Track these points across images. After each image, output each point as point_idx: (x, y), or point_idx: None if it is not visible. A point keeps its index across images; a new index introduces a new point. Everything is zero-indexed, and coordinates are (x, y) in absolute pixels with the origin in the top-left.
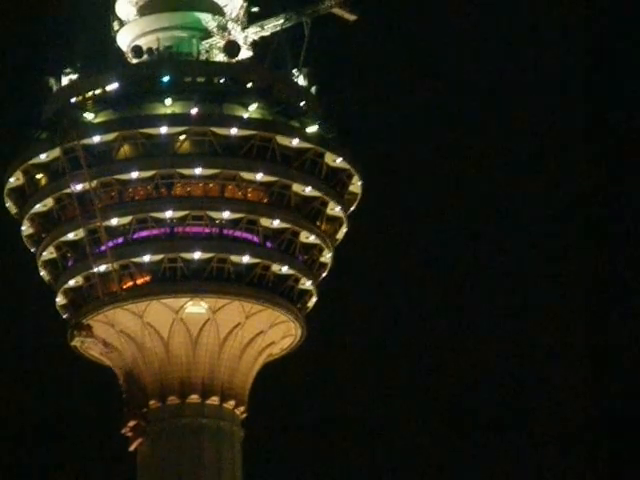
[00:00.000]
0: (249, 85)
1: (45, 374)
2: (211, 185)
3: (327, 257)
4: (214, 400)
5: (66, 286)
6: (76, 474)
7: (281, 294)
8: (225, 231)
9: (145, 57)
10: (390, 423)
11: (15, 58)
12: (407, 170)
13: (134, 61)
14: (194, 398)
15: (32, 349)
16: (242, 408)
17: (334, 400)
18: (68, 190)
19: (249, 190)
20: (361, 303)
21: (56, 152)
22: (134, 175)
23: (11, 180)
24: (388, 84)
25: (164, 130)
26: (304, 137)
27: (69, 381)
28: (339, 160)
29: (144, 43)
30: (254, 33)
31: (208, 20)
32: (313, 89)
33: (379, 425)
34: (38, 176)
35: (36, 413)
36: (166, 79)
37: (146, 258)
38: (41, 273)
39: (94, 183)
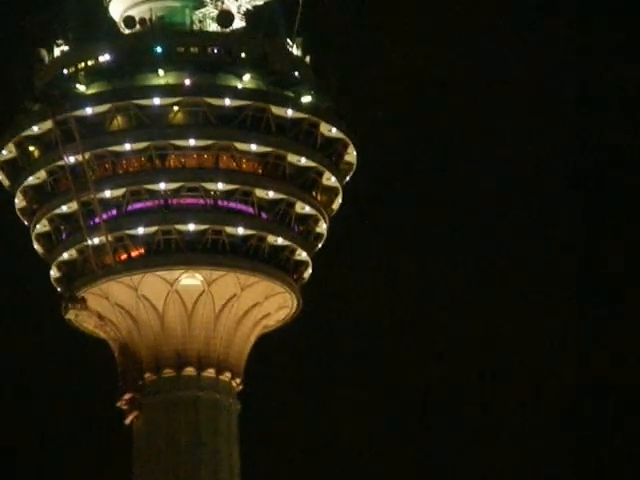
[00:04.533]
0: (243, 55)
1: (39, 347)
2: (205, 156)
3: (323, 228)
4: (210, 372)
5: (60, 259)
6: (71, 447)
7: (277, 265)
8: (220, 202)
9: (138, 28)
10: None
11: (5, 29)
12: (404, 139)
13: (127, 32)
14: (190, 370)
15: (27, 322)
16: (238, 380)
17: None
18: (61, 162)
19: (244, 161)
20: (357, 274)
21: (48, 124)
22: (127, 147)
23: (3, 153)
24: (383, 52)
25: (157, 101)
26: (298, 107)
27: (63, 354)
28: (334, 130)
29: (137, 13)
30: (247, 2)
31: None
32: (307, 59)
33: (377, 393)
34: (31, 148)
35: (30, 386)
36: (159, 50)
37: (140, 230)
38: (35, 246)
39: (87, 155)
